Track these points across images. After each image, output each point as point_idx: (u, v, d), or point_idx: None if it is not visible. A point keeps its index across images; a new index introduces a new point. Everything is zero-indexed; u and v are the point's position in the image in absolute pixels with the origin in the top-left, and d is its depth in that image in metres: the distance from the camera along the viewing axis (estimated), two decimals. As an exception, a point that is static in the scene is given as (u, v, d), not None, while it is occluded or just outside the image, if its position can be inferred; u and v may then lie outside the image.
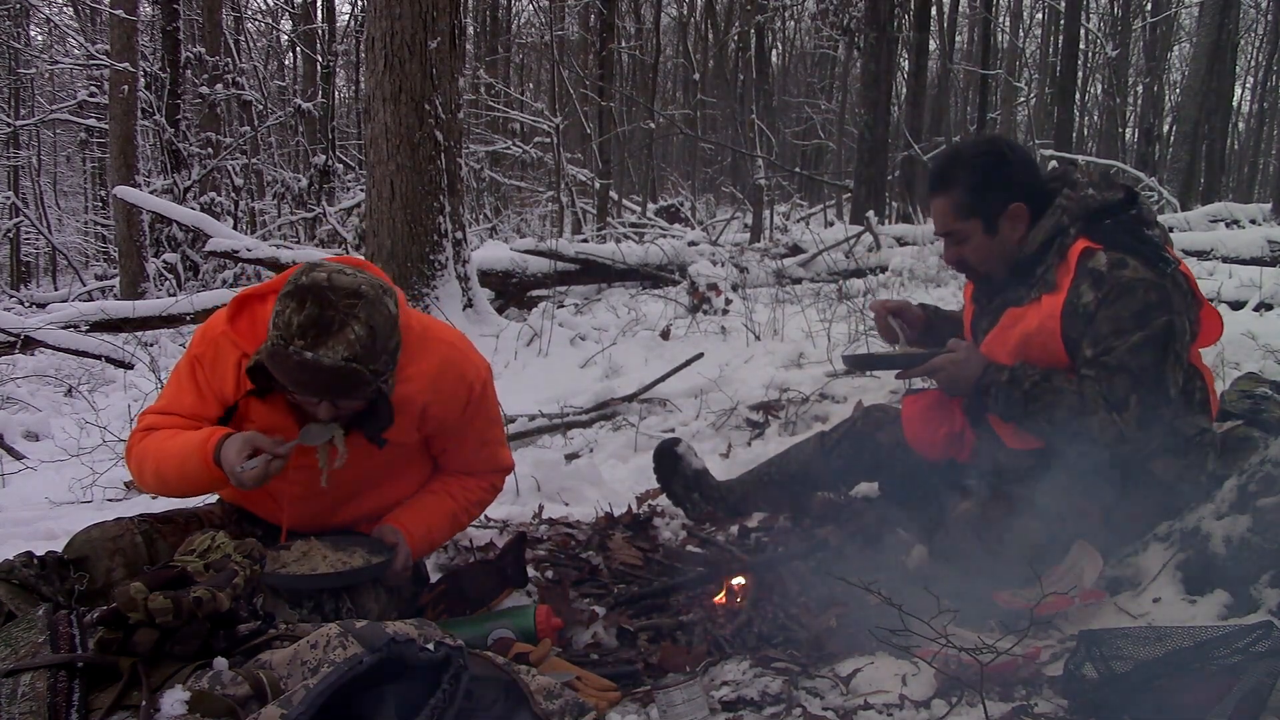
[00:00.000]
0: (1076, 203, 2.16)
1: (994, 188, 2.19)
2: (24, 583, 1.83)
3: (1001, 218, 2.20)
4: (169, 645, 1.54)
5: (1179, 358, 2.08)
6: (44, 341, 5.95)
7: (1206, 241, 6.51)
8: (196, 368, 2.09)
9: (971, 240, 2.24)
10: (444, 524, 2.23)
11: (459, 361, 2.13)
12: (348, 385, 1.83)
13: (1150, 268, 2.05)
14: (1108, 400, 2.02)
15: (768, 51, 20.21)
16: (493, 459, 2.31)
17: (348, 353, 1.80)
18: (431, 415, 2.10)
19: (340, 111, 18.65)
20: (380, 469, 2.14)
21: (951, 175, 2.23)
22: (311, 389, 1.84)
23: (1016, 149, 2.27)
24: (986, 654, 1.68)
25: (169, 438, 2.02)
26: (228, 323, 2.06)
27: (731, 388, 4.08)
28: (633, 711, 1.74)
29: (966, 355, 2.21)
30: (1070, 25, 14.58)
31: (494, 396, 2.26)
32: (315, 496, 2.11)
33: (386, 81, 5.38)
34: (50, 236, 17.88)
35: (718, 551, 2.52)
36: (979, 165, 2.21)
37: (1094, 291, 2.05)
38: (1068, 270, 2.10)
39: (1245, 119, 27.42)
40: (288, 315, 1.79)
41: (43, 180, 20.94)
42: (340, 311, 1.80)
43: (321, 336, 1.78)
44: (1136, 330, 2.01)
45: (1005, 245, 2.22)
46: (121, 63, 10.52)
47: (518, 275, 7.19)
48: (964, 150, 2.31)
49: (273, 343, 1.81)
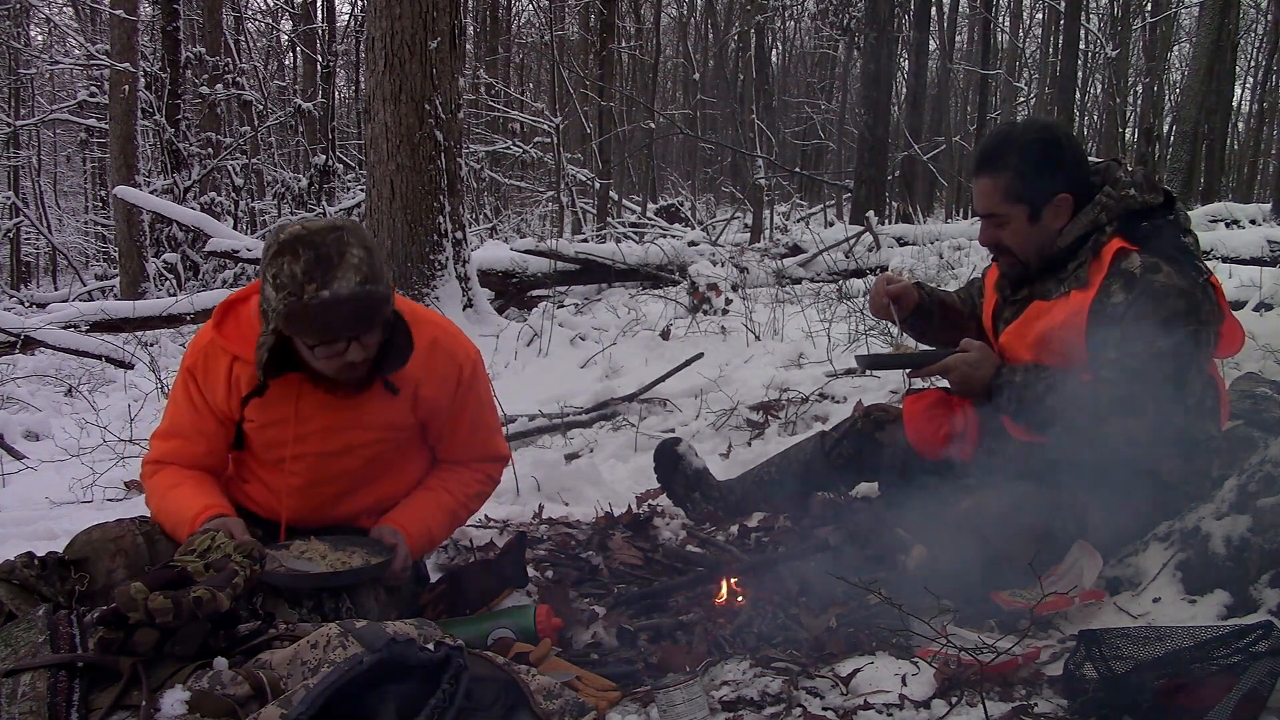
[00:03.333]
0: (1117, 201, 2.12)
1: (1044, 176, 2.14)
2: (25, 583, 1.84)
3: (1047, 207, 2.15)
4: (169, 645, 1.54)
5: (1200, 368, 2.07)
6: (44, 341, 5.95)
7: (1206, 241, 6.50)
8: (189, 382, 2.11)
9: (1013, 225, 2.19)
10: (443, 520, 2.23)
11: (448, 342, 2.15)
12: (371, 309, 1.84)
13: (1183, 275, 2.03)
14: (1125, 404, 1.99)
15: (768, 51, 20.21)
16: (488, 445, 2.30)
17: (359, 277, 1.81)
18: (424, 396, 2.11)
19: (340, 111, 18.64)
20: (380, 462, 2.15)
21: (1002, 158, 2.17)
22: (340, 327, 1.83)
23: (1070, 138, 2.23)
24: (986, 654, 1.68)
25: (169, 491, 2.06)
26: (215, 329, 2.07)
27: (731, 388, 4.08)
28: (633, 711, 1.74)
29: (980, 355, 2.19)
30: (1070, 25, 14.59)
31: (486, 380, 2.26)
32: (315, 488, 2.12)
33: (386, 81, 5.38)
34: (50, 236, 17.88)
35: (718, 551, 2.52)
36: (1032, 151, 2.15)
37: (1125, 293, 2.03)
38: (1100, 268, 2.08)
39: (1245, 119, 27.41)
40: (288, 269, 1.79)
41: (43, 180, 20.92)
42: (332, 245, 1.81)
43: (330, 271, 1.79)
44: (1164, 337, 1.98)
45: (1046, 234, 2.18)
46: (121, 63, 10.53)
47: (518, 275, 7.19)
48: (1018, 133, 2.23)
49: (285, 304, 1.80)
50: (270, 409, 2.06)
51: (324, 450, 2.08)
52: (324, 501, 2.16)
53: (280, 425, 2.06)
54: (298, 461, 2.08)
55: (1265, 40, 22.96)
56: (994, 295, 2.40)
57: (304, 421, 2.05)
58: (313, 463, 2.09)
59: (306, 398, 2.04)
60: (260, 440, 2.12)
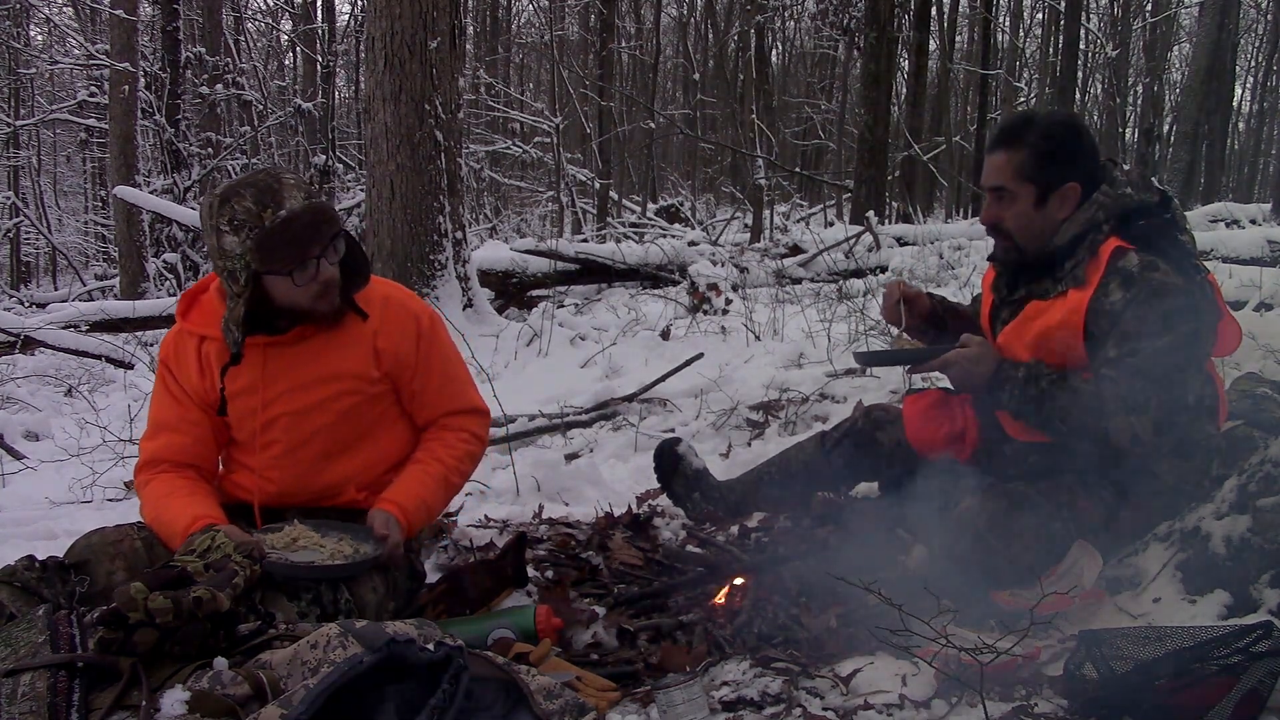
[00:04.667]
0: (1114, 200, 2.13)
1: (1059, 161, 2.15)
2: (26, 586, 1.84)
3: (1055, 193, 2.15)
4: (169, 645, 1.54)
5: (1200, 366, 2.07)
6: (44, 341, 5.95)
7: (1206, 241, 6.51)
8: (166, 375, 2.20)
9: (1018, 204, 2.19)
10: (437, 489, 2.23)
11: (402, 298, 2.27)
12: (328, 216, 2.01)
13: (1181, 273, 2.04)
14: (1126, 402, 2.00)
15: (768, 51, 20.18)
16: (462, 397, 2.32)
17: (303, 193, 1.99)
18: (384, 348, 2.16)
19: (340, 111, 18.63)
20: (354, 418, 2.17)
21: (1022, 135, 2.18)
22: (307, 240, 1.96)
23: (1089, 134, 2.24)
24: (986, 654, 1.68)
25: (161, 501, 2.09)
26: (180, 319, 2.19)
27: (731, 388, 4.07)
28: (633, 711, 1.74)
29: (980, 351, 2.19)
30: (1070, 25, 14.56)
31: (447, 337, 2.31)
32: (294, 453, 2.14)
33: (386, 81, 5.39)
34: (50, 236, 17.87)
35: (718, 551, 2.52)
36: (1053, 134, 2.16)
37: (1123, 291, 2.03)
38: (1098, 267, 2.08)
39: (1245, 119, 27.42)
40: (242, 210, 1.93)
41: (43, 180, 20.92)
42: (267, 178, 1.98)
43: (277, 195, 1.95)
44: (1163, 334, 1.99)
45: (1048, 221, 2.17)
46: (121, 63, 10.52)
47: (518, 275, 7.19)
48: (1041, 117, 2.24)
49: (252, 238, 1.93)
50: (239, 377, 2.12)
51: (294, 408, 2.12)
52: (305, 470, 2.16)
53: (250, 393, 2.12)
54: (272, 427, 2.12)
55: (1265, 40, 22.97)
56: (991, 295, 2.39)
57: (272, 383, 2.12)
58: (286, 423, 2.12)
59: (273, 361, 2.11)
60: (234, 412, 2.15)
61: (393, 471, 2.24)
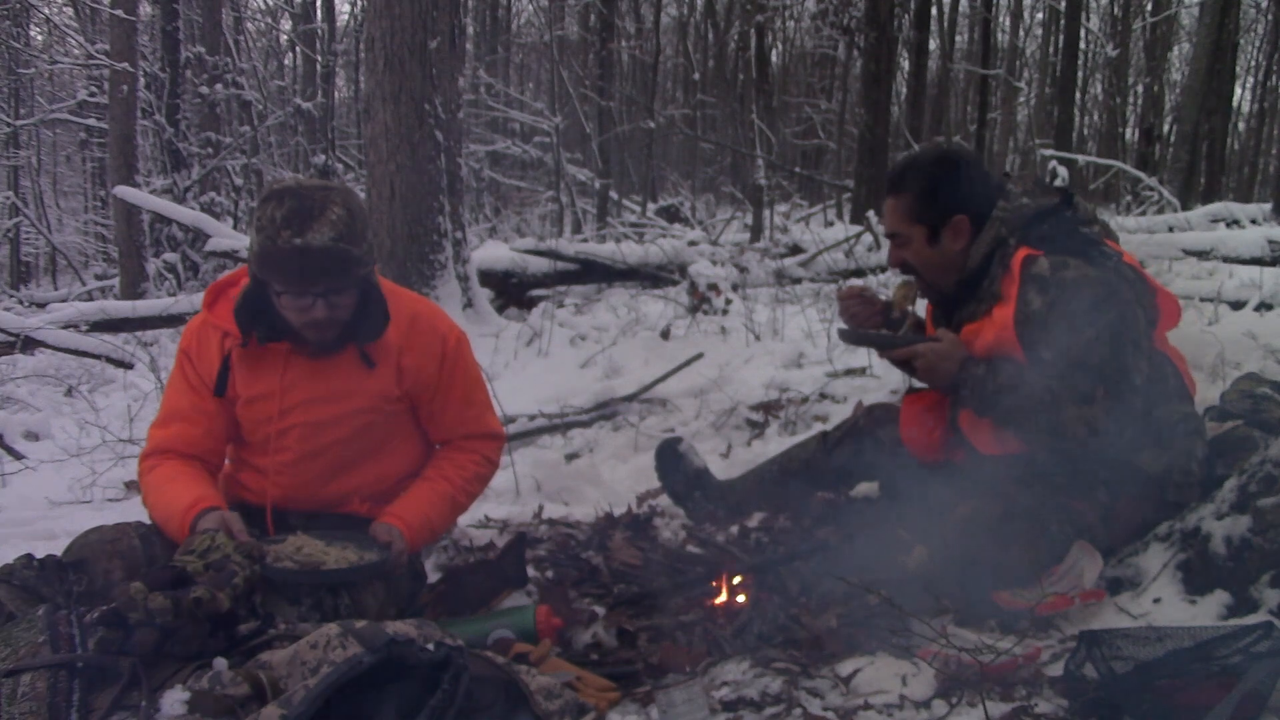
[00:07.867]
0: (1012, 213, 2.20)
1: (942, 198, 2.24)
2: (24, 584, 1.84)
3: (944, 229, 2.24)
4: (169, 645, 1.54)
5: (1138, 345, 2.10)
6: (44, 341, 5.94)
7: (1207, 241, 6.49)
8: (185, 363, 2.16)
9: (913, 245, 2.29)
10: (443, 509, 2.23)
11: (430, 316, 2.22)
12: (340, 266, 1.91)
13: (1092, 264, 2.08)
14: (1073, 395, 2.04)
15: (768, 51, 20.18)
16: (480, 421, 2.30)
17: (333, 233, 1.88)
18: (407, 366, 2.14)
19: (340, 111, 18.64)
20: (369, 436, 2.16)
21: (905, 179, 2.29)
22: (306, 276, 1.90)
23: (971, 163, 2.31)
24: (986, 654, 1.68)
25: (164, 485, 2.07)
26: (206, 310, 2.15)
27: (731, 388, 4.07)
28: (633, 711, 1.74)
29: (949, 347, 2.21)
30: (1070, 25, 14.57)
31: (471, 358, 2.28)
32: (305, 463, 2.13)
33: (386, 81, 5.38)
34: (50, 236, 17.86)
35: (718, 551, 2.52)
36: (931, 174, 2.26)
37: (1040, 297, 2.07)
38: (1012, 280, 2.13)
39: (1245, 119, 27.40)
40: (270, 213, 1.88)
41: (43, 180, 20.91)
42: (317, 199, 1.89)
43: (307, 222, 1.86)
44: (1089, 327, 2.03)
45: (946, 255, 2.26)
46: (121, 63, 10.51)
47: (518, 275, 7.18)
48: (921, 157, 2.38)
49: (261, 245, 1.88)
50: (257, 382, 2.10)
51: (310, 420, 2.10)
52: (314, 479, 2.16)
53: (267, 399, 2.09)
54: (286, 435, 2.10)
55: (1265, 40, 22.96)
56: (933, 328, 2.45)
57: (289, 391, 2.09)
58: (300, 434, 2.11)
59: (293, 369, 2.09)
60: (249, 417, 2.14)
61: (401, 484, 2.23)
